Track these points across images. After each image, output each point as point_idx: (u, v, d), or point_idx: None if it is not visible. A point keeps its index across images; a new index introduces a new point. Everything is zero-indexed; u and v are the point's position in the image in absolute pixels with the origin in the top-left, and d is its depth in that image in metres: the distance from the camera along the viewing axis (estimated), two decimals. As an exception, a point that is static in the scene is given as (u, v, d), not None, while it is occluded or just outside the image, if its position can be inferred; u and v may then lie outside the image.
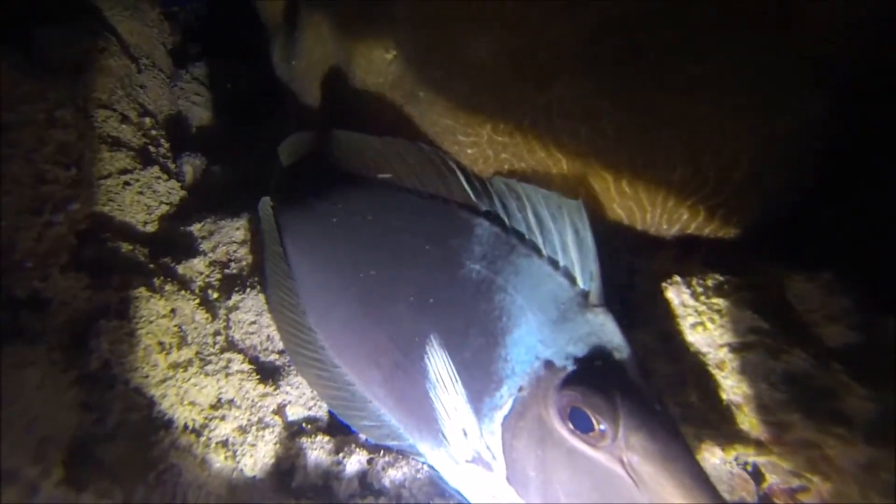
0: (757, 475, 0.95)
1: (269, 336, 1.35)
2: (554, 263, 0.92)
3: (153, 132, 1.66)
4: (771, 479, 0.91)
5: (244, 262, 1.48)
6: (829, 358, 0.81)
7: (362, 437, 1.17)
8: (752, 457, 0.87)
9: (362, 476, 1.13)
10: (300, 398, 1.26)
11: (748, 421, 0.82)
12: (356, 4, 1.11)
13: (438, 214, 1.04)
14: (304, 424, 1.24)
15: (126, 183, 1.45)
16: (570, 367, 0.84)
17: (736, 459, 0.89)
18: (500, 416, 0.88)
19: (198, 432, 1.12)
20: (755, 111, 0.88)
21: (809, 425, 0.78)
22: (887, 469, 0.74)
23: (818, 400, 0.79)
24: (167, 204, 1.52)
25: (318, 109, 1.33)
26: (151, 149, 1.61)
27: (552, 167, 0.96)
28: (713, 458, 0.87)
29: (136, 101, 1.69)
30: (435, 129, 1.04)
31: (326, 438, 1.19)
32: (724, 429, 0.85)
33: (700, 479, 0.76)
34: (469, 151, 1.01)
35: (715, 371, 0.86)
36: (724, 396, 0.84)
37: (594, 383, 0.81)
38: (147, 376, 1.11)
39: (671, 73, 0.86)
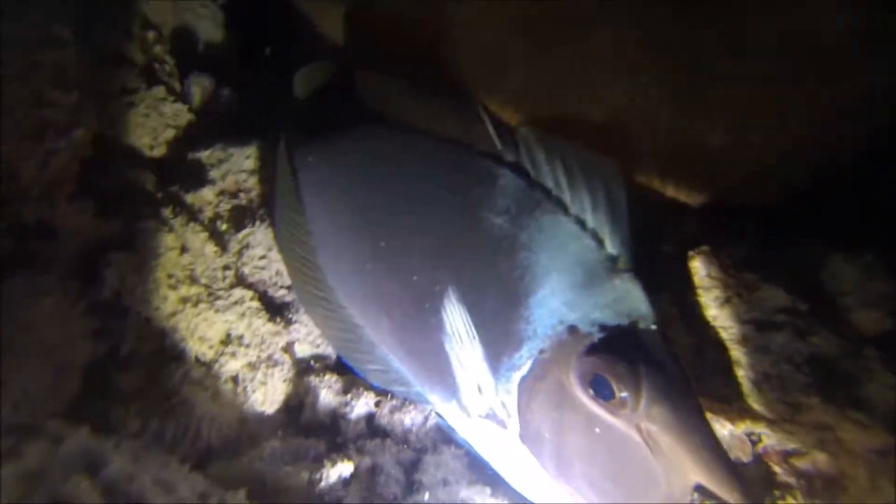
0: (755, 440, 0.96)
1: (278, 271, 1.33)
2: (581, 223, 0.89)
3: (157, 48, 1.56)
4: (766, 441, 0.92)
5: (254, 193, 1.43)
6: (862, 344, 0.79)
7: (369, 380, 1.18)
8: (760, 431, 0.87)
9: (370, 418, 1.15)
10: (309, 335, 1.26)
11: (764, 398, 0.81)
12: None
13: (461, 162, 0.99)
14: (312, 362, 1.24)
15: (130, 104, 1.38)
16: (596, 334, 0.84)
17: (748, 434, 0.89)
18: (517, 376, 0.88)
19: (209, 366, 1.13)
20: (812, 76, 0.81)
21: (829, 409, 0.77)
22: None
23: (841, 385, 0.77)
24: (174, 127, 1.45)
25: (338, 34, 1.23)
26: (156, 66, 1.52)
27: (585, 120, 0.90)
28: (723, 429, 0.87)
29: (136, 13, 1.59)
30: (465, 69, 0.96)
31: (335, 378, 1.20)
32: (736, 404, 0.84)
33: (718, 454, 0.77)
34: (499, 98, 0.94)
35: (736, 346, 0.84)
36: (741, 373, 0.83)
37: (619, 352, 0.81)
38: (158, 308, 1.10)
39: (726, 31, 0.78)
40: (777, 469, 0.91)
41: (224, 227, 1.34)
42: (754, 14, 0.79)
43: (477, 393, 0.93)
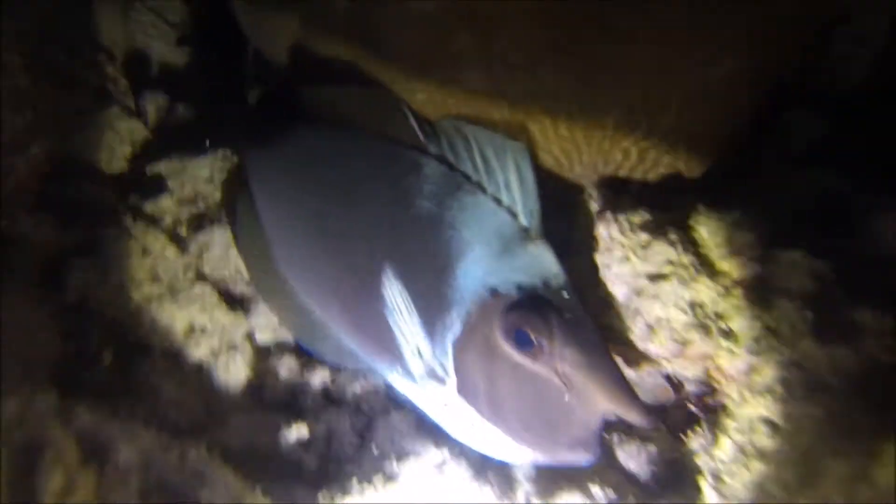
0: (677, 387, 1.10)
1: (237, 268, 1.43)
2: (497, 201, 1.01)
3: (109, 69, 1.65)
4: (688, 388, 1.06)
5: (211, 199, 1.52)
6: (731, 286, 0.94)
7: (324, 358, 1.28)
8: (660, 369, 1.00)
9: (325, 391, 1.25)
10: (268, 324, 1.36)
11: (658, 339, 0.95)
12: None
13: (391, 156, 1.10)
14: (272, 347, 1.34)
15: (86, 124, 1.46)
16: (514, 294, 0.95)
17: (648, 374, 1.02)
18: (451, 336, 0.99)
19: (174, 357, 1.22)
20: (687, 61, 0.95)
21: (707, 342, 0.91)
22: (762, 373, 0.89)
23: (714, 321, 0.91)
24: (130, 143, 1.54)
25: (279, 49, 1.35)
26: (110, 87, 1.61)
27: (495, 112, 1.03)
28: (628, 369, 1.00)
29: (88, 35, 1.67)
30: (388, 74, 1.08)
31: (293, 358, 1.31)
32: (638, 346, 0.98)
33: (621, 384, 0.90)
34: (419, 96, 1.06)
35: (635, 296, 0.97)
36: (639, 318, 0.96)
37: (533, 307, 0.93)
38: (122, 308, 1.19)
39: (611, 23, 0.92)
40: (693, 409, 1.06)
41: (184, 231, 1.43)
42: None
43: (418, 357, 1.04)
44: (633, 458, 1.10)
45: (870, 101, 1.03)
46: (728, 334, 0.90)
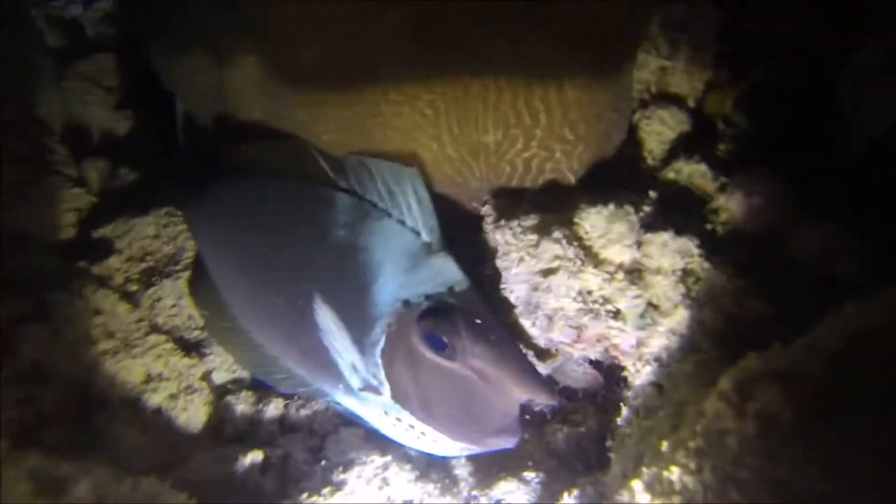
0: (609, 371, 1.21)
1: (189, 315, 1.52)
2: (402, 222, 1.13)
3: (44, 140, 1.73)
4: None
5: (159, 254, 1.61)
6: (613, 271, 1.06)
7: (278, 389, 1.38)
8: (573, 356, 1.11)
9: (281, 418, 1.34)
10: (224, 364, 1.45)
11: (557, 328, 1.06)
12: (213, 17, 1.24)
13: (306, 194, 1.22)
14: (229, 385, 1.43)
15: (26, 196, 1.55)
16: (424, 303, 1.06)
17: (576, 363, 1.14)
18: (378, 349, 1.09)
19: (132, 405, 1.31)
20: (544, 76, 1.08)
21: (597, 324, 1.03)
22: (648, 345, 1.01)
23: (602, 304, 1.03)
24: (74, 210, 1.63)
25: (196, 96, 1.45)
26: (47, 157, 1.69)
27: (390, 144, 1.15)
28: (541, 363, 1.11)
29: (20, 111, 1.75)
30: (295, 123, 1.20)
31: (250, 393, 1.40)
32: (543, 336, 1.09)
33: (527, 370, 1.01)
34: (324, 138, 1.18)
35: (533, 292, 1.09)
36: (539, 312, 1.08)
37: (441, 312, 1.04)
38: (78, 367, 1.28)
39: (468, 53, 1.05)
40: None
41: (135, 287, 1.52)
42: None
43: (354, 371, 1.15)
44: (564, 442, 1.20)
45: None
46: (616, 314, 1.02)
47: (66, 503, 0.72)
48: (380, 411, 1.15)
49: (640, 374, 1.00)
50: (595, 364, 1.19)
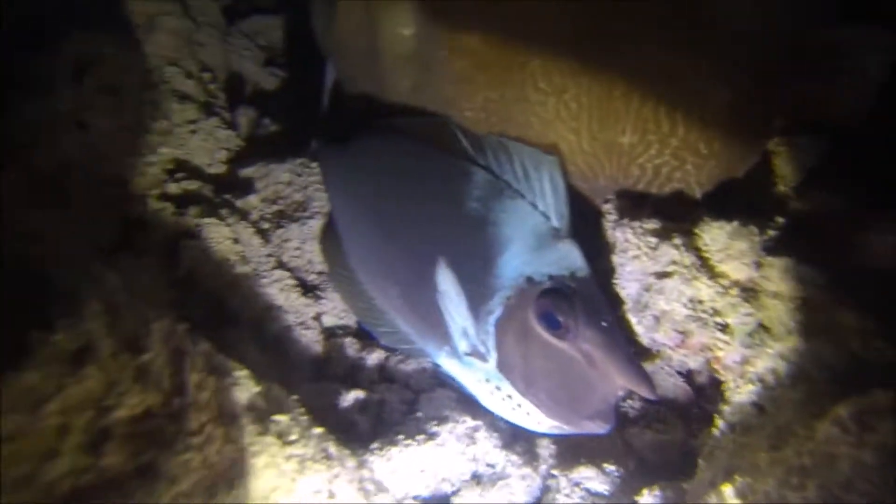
0: (699, 390, 1.23)
1: (309, 260, 1.67)
2: (534, 205, 1.20)
3: (211, 86, 1.94)
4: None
5: (290, 199, 1.78)
6: (729, 286, 1.08)
7: (381, 341, 1.49)
8: (670, 362, 1.15)
9: (380, 368, 1.46)
10: (334, 309, 1.59)
11: (662, 330, 1.10)
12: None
13: (445, 164, 1.31)
14: (336, 330, 1.57)
15: (193, 131, 1.75)
16: (546, 282, 1.13)
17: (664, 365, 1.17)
18: (492, 318, 1.16)
19: (256, 328, 1.47)
20: (690, 91, 1.12)
21: (705, 334, 1.06)
22: (754, 364, 1.03)
23: (712, 316, 1.06)
24: (226, 150, 1.82)
25: (349, 66, 1.59)
26: (212, 101, 1.90)
27: (530, 130, 1.22)
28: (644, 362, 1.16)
29: (196, 58, 1.97)
30: (442, 97, 1.30)
31: (354, 340, 1.53)
32: (646, 335, 1.13)
33: (633, 362, 1.06)
34: (467, 115, 1.27)
35: (644, 292, 1.13)
36: (647, 312, 1.12)
37: (561, 293, 1.10)
38: (218, 284, 1.45)
39: (620, 56, 1.10)
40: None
41: (267, 225, 1.69)
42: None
43: (464, 336, 1.23)
44: (648, 445, 1.23)
45: (869, 128, 1.15)
46: (724, 328, 1.05)
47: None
48: (481, 377, 1.22)
49: (740, 392, 1.02)
50: (686, 377, 1.22)
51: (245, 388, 0.89)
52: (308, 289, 1.61)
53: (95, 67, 1.22)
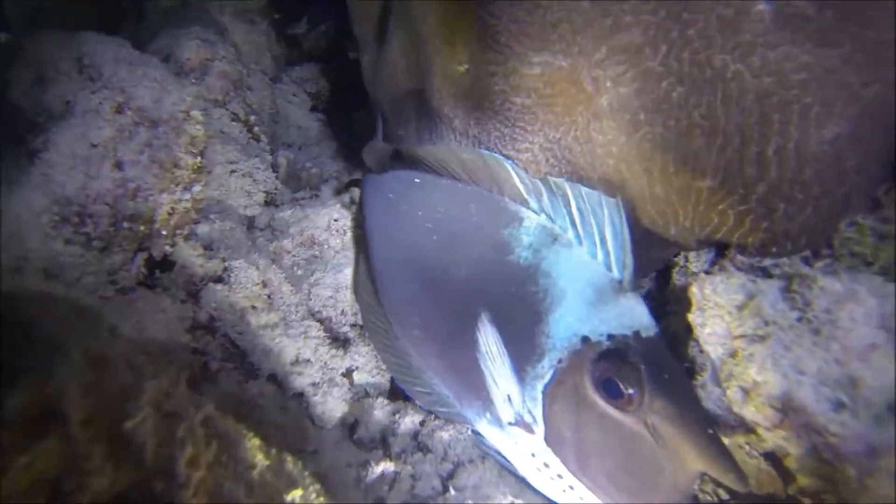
0: (787, 475, 1.03)
1: (343, 311, 1.54)
2: (592, 253, 1.05)
3: (256, 129, 1.91)
4: (802, 481, 0.98)
5: (326, 245, 1.68)
6: (844, 354, 0.89)
7: (417, 401, 1.33)
8: (759, 441, 0.95)
9: (414, 434, 1.29)
10: (366, 365, 1.44)
11: (753, 405, 0.91)
12: (438, 21, 1.28)
13: (493, 207, 1.18)
14: (367, 388, 1.42)
15: (232, 171, 1.69)
16: (605, 343, 0.97)
17: (748, 452, 0.97)
18: (541, 384, 1.01)
19: (279, 383, 1.33)
20: (788, 124, 0.97)
21: (812, 412, 0.86)
22: (887, 458, 0.82)
23: (822, 389, 0.87)
24: (264, 192, 1.75)
25: (397, 111, 1.51)
26: (254, 143, 1.86)
27: (594, 172, 1.09)
28: (724, 438, 0.96)
29: (244, 101, 1.96)
30: (495, 134, 1.19)
31: (386, 401, 1.37)
32: (728, 412, 0.94)
33: (714, 441, 0.87)
34: (524, 156, 1.15)
35: (728, 359, 0.95)
36: (734, 383, 0.94)
37: (624, 357, 0.94)
38: (242, 333, 1.33)
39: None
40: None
41: (300, 272, 1.59)
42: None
43: (508, 403, 1.07)
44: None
45: None
46: (841, 406, 0.85)
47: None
48: (527, 452, 1.05)
49: (868, 491, 0.81)
50: (771, 459, 1.01)
51: (252, 458, 0.75)
52: (339, 342, 1.48)
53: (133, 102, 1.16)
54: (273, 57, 2.31)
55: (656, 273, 1.17)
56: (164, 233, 1.20)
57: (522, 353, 1.04)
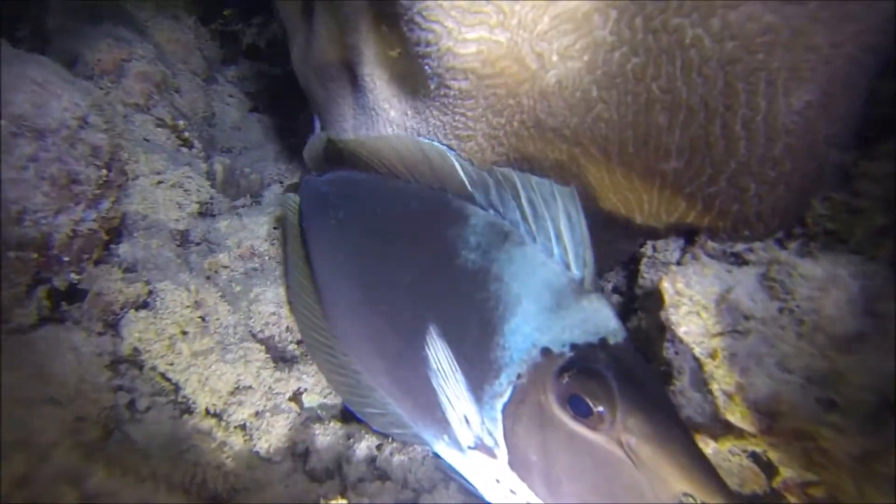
0: (770, 468, 0.93)
1: (287, 327, 1.41)
2: (548, 251, 0.93)
3: (186, 134, 1.75)
4: (785, 473, 0.89)
5: (266, 257, 1.55)
6: (831, 347, 0.80)
7: (371, 424, 1.21)
8: (745, 447, 0.86)
9: (371, 460, 1.17)
10: (316, 385, 1.31)
11: (738, 411, 0.81)
12: (364, 7, 1.15)
13: (436, 205, 1.06)
14: (318, 411, 1.29)
15: (159, 182, 1.54)
16: (567, 353, 0.86)
17: (730, 451, 0.88)
18: (500, 403, 0.89)
19: (218, 416, 1.19)
20: (757, 94, 0.87)
21: (801, 415, 0.77)
22: (884, 461, 0.72)
23: (811, 388, 0.77)
24: (198, 202, 1.60)
25: (332, 105, 1.37)
26: (184, 150, 1.71)
27: (546, 159, 0.97)
28: (706, 448, 0.86)
29: (171, 105, 1.79)
30: (434, 123, 1.06)
31: (339, 425, 1.24)
32: (717, 419, 0.84)
33: (698, 459, 0.77)
34: (467, 146, 1.03)
35: (707, 361, 0.85)
36: (715, 386, 0.84)
37: (591, 368, 0.82)
38: (172, 363, 1.19)
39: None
40: (794, 500, 0.88)
41: (238, 288, 1.45)
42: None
43: (465, 425, 0.95)
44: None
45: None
46: (832, 405, 0.76)
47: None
48: (490, 477, 0.94)
49: (866, 499, 0.72)
50: (754, 457, 0.92)
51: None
52: (285, 362, 1.34)
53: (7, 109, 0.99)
54: (205, 56, 2.14)
55: (622, 266, 1.06)
56: (65, 259, 1.04)
57: (477, 369, 0.92)
